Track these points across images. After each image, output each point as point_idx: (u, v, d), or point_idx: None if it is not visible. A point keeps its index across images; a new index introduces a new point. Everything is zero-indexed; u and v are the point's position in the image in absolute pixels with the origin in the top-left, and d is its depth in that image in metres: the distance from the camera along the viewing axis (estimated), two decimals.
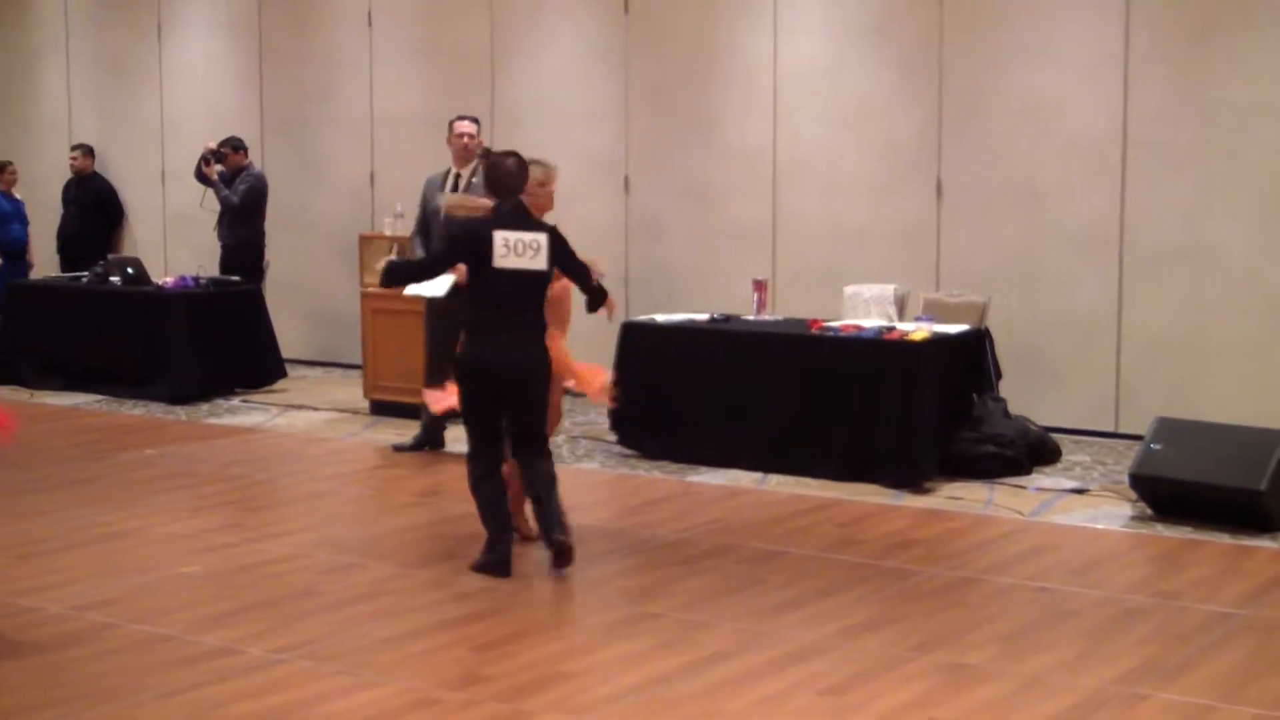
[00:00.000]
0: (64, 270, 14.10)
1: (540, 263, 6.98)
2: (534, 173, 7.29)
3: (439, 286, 9.46)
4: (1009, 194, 10.46)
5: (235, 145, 12.90)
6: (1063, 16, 10.25)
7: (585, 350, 12.20)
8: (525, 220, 7.06)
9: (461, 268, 9.50)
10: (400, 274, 7.77)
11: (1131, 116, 10.04)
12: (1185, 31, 9.85)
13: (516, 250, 6.93)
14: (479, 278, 7.03)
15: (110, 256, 13.03)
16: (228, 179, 12.74)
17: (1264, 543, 7.56)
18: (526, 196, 7.16)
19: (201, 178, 12.80)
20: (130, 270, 12.45)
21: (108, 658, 5.94)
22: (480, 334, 7.03)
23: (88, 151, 14.88)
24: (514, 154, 7.18)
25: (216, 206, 12.82)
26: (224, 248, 12.86)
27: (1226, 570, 7.11)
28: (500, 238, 6.92)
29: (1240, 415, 9.14)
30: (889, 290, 10.00)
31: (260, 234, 12.87)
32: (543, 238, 6.97)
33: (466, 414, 7.16)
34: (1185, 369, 9.96)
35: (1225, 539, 7.62)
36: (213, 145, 12.81)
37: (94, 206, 14.82)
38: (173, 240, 14.69)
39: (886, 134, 10.94)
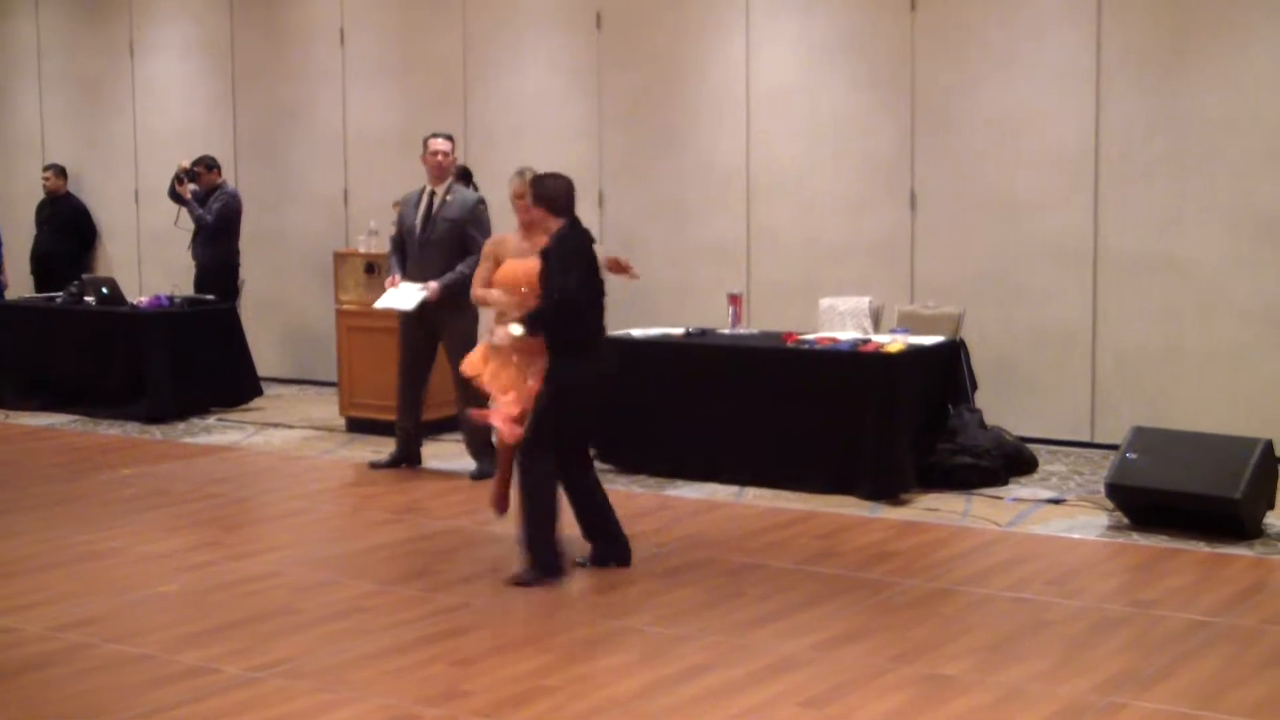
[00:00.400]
0: (39, 290, 14.08)
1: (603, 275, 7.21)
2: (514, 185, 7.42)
3: (409, 300, 9.48)
4: (983, 206, 10.50)
5: (209, 164, 12.89)
6: (1035, 30, 10.30)
7: None
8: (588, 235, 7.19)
9: (433, 285, 9.55)
10: (543, 320, 7.10)
11: (1104, 129, 10.09)
12: (1157, 45, 9.90)
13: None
14: (587, 292, 7.06)
15: (84, 276, 13.00)
16: (201, 198, 12.73)
17: (1240, 551, 7.59)
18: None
19: (175, 196, 12.78)
20: (104, 290, 12.41)
21: (85, 677, 5.91)
22: (586, 349, 7.09)
23: (60, 172, 14.84)
24: (560, 174, 7.28)
25: (191, 225, 12.80)
26: (199, 267, 12.85)
27: (1203, 579, 7.13)
28: (598, 251, 7.10)
29: (1215, 424, 9.19)
30: (864, 303, 10.02)
31: (235, 253, 12.86)
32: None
33: (563, 428, 7.11)
34: (1160, 379, 10.00)
35: (1202, 547, 7.65)
36: (186, 164, 12.79)
37: (67, 227, 14.79)
38: (147, 260, 14.66)
39: (860, 148, 10.97)
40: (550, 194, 7.17)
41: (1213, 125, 9.75)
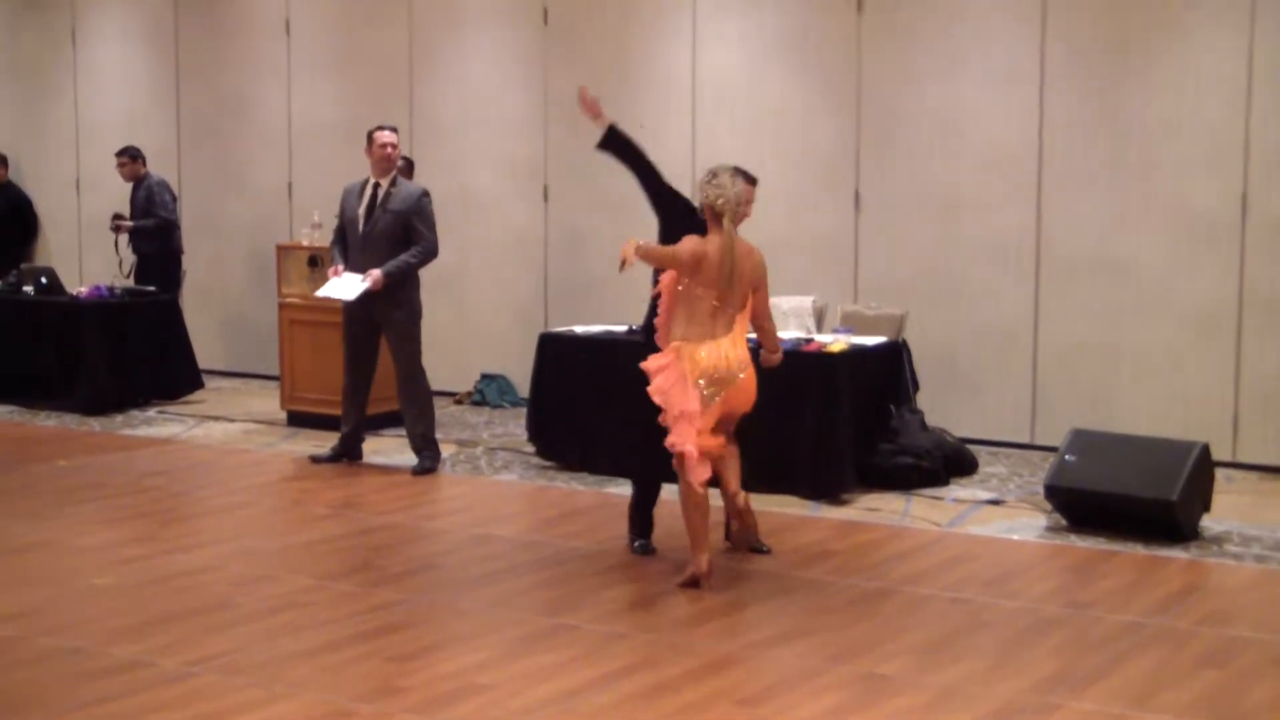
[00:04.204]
0: None
1: None
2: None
3: (351, 290, 9.42)
4: (926, 206, 10.53)
5: (133, 155, 12.80)
6: (979, 31, 10.34)
7: (504, 359, 12.21)
8: None
9: (375, 273, 9.49)
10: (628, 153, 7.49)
11: (1046, 130, 10.14)
12: (1100, 48, 9.96)
13: None
14: None
15: (23, 266, 12.89)
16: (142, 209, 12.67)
17: (1176, 553, 7.64)
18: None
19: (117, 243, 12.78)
20: (44, 280, 12.30)
21: (17, 670, 5.85)
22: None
23: (1, 160, 14.69)
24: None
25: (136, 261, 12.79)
26: (139, 257, 12.75)
27: (1139, 580, 7.17)
28: None
29: (1154, 426, 9.27)
30: (807, 302, 10.03)
31: (176, 239, 12.75)
32: None
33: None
34: (1101, 380, 10.06)
35: (1139, 549, 7.70)
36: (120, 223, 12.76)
37: (8, 216, 14.64)
38: (88, 249, 14.53)
39: (804, 146, 10.99)
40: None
41: (1154, 128, 9.82)
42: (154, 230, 12.59)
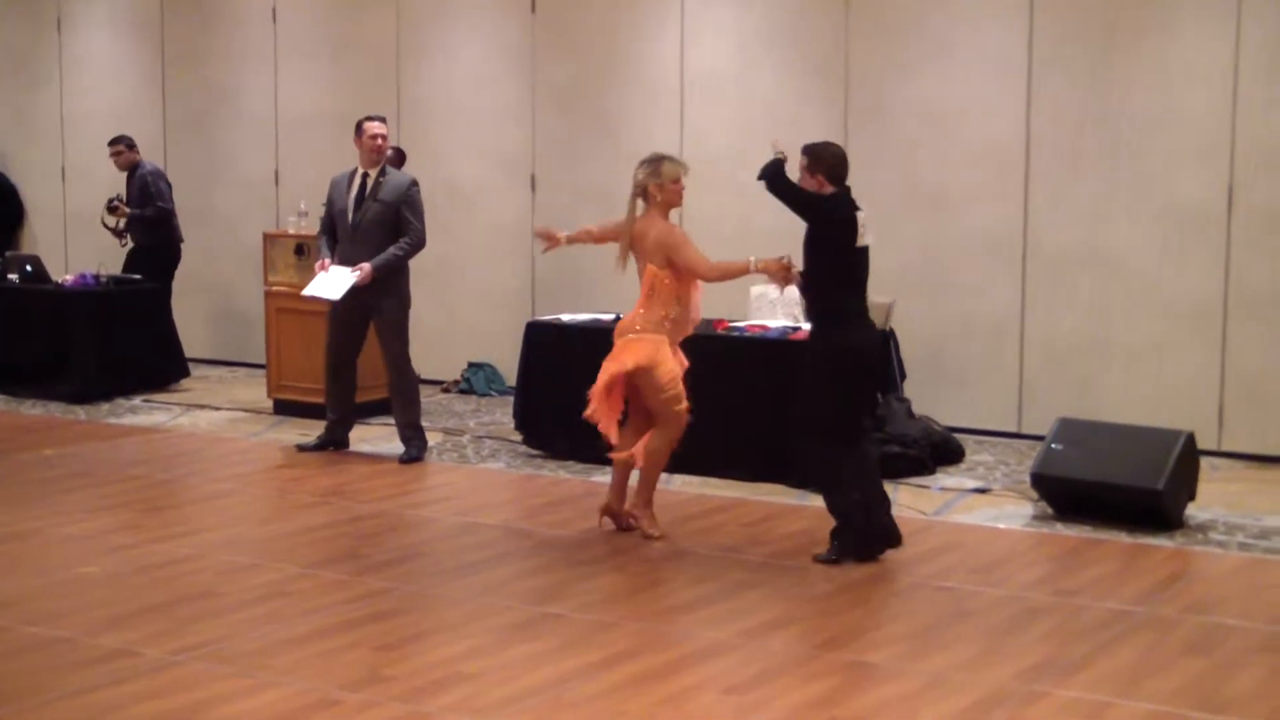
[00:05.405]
0: None
1: (870, 240, 7.31)
2: (671, 170, 7.68)
3: (338, 288, 9.40)
4: (914, 198, 10.53)
5: (128, 143, 12.71)
6: (967, 23, 10.34)
7: (492, 348, 12.21)
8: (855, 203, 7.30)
9: (365, 267, 9.48)
10: (784, 188, 7.46)
11: (1034, 122, 10.14)
12: (1088, 40, 9.96)
13: (866, 229, 7.26)
14: (847, 259, 7.21)
15: (8, 254, 12.84)
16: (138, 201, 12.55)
17: (1162, 541, 7.66)
18: (660, 192, 7.68)
19: (113, 226, 12.66)
20: (29, 268, 12.26)
21: (2, 660, 5.84)
22: (854, 315, 7.25)
23: None
24: (834, 144, 7.48)
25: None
26: (138, 246, 12.59)
27: (1125, 568, 7.19)
28: (860, 216, 7.21)
29: (1140, 416, 9.28)
30: (795, 292, 10.01)
31: (175, 230, 12.63)
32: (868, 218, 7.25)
33: (849, 402, 7.18)
34: (1087, 370, 10.08)
35: (1124, 538, 7.71)
36: (117, 205, 12.62)
37: None
38: (74, 238, 14.49)
39: (792, 137, 10.84)
40: (830, 161, 7.31)
41: (1142, 120, 9.82)
42: (154, 220, 12.49)
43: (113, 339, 11.83)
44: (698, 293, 7.89)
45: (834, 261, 7.23)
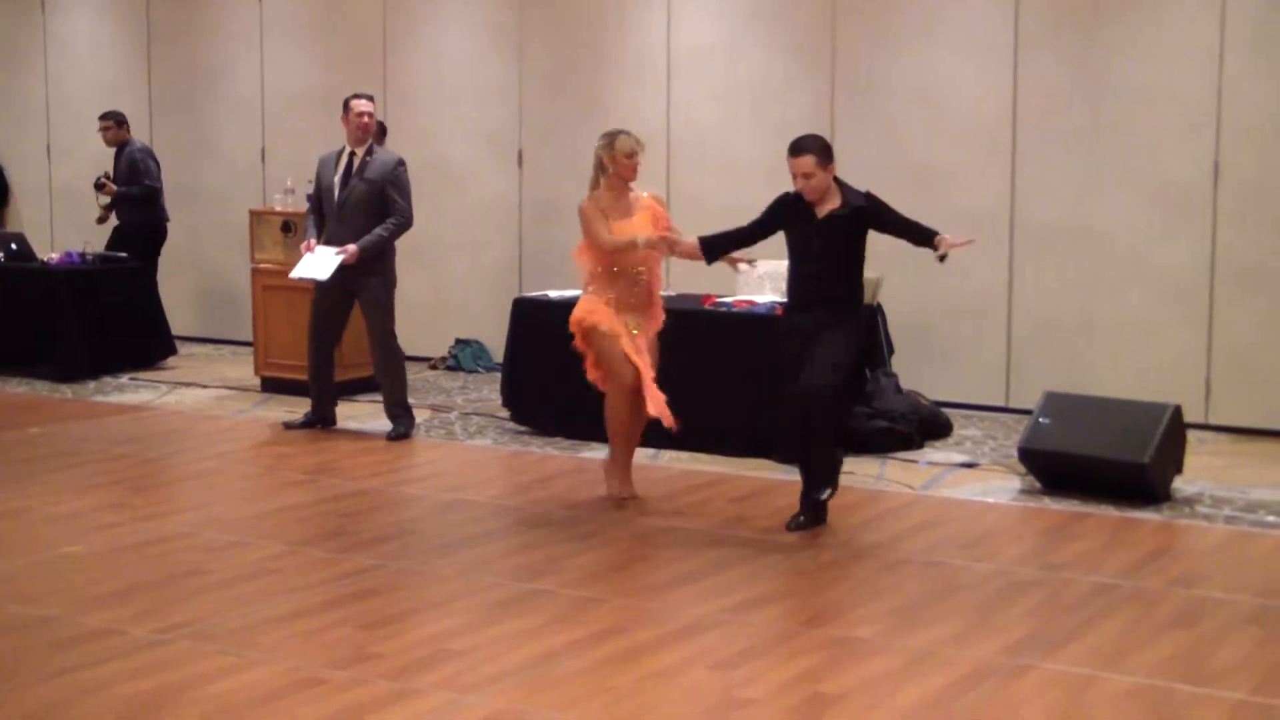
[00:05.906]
0: None
1: None
2: (625, 144, 7.76)
3: (325, 269, 9.38)
4: (901, 174, 10.51)
5: (119, 120, 12.66)
6: (954, 0, 10.34)
7: (479, 325, 12.20)
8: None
9: (351, 248, 9.46)
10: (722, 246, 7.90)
11: (1021, 98, 10.13)
12: (1074, 15, 9.95)
13: None
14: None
15: None
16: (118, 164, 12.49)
17: (1148, 515, 7.67)
18: (613, 164, 7.78)
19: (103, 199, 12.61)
20: (14, 246, 12.23)
21: None
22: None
23: None
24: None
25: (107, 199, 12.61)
26: (123, 225, 12.56)
27: (1112, 542, 7.20)
28: None
29: (1127, 390, 9.29)
30: (782, 267, 9.98)
31: (161, 210, 12.60)
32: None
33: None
34: (1074, 345, 10.09)
35: (1111, 511, 7.72)
36: (104, 183, 12.55)
37: None
38: (59, 216, 14.45)
39: (780, 114, 10.95)
40: (830, 148, 7.47)
41: (1128, 96, 9.82)
42: (140, 199, 12.45)
43: (99, 317, 11.80)
44: (656, 264, 8.09)
45: (863, 243, 7.57)
